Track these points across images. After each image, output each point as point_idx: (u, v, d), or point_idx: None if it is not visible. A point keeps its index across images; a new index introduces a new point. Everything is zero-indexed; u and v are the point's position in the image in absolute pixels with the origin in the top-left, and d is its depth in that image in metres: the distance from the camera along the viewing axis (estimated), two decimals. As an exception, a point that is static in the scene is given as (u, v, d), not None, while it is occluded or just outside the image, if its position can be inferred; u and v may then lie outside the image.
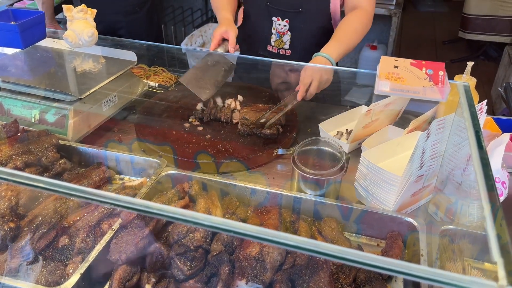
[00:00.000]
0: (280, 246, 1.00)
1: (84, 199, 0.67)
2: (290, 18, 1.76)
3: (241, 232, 0.61)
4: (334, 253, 0.58)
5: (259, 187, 1.28)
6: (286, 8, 1.75)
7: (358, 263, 0.56)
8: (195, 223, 0.62)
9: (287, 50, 1.83)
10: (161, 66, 2.07)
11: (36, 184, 0.69)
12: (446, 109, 1.24)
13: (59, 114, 1.46)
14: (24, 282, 1.03)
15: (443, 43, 5.34)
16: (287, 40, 1.81)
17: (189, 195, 1.24)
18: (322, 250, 0.57)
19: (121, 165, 1.44)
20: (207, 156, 1.47)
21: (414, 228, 1.16)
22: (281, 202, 1.27)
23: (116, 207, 0.62)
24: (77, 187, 0.64)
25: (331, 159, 1.29)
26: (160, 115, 1.70)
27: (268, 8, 1.77)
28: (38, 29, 1.45)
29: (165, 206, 0.61)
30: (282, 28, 1.78)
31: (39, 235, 1.17)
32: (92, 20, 1.38)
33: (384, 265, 0.53)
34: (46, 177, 1.35)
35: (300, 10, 1.74)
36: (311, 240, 0.61)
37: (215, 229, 0.61)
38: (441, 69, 1.01)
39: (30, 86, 1.49)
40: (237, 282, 0.97)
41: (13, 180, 0.71)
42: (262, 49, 1.87)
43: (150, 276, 1.04)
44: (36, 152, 1.37)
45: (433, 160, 1.14)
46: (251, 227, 0.60)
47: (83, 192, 0.65)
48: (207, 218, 0.62)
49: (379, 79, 1.00)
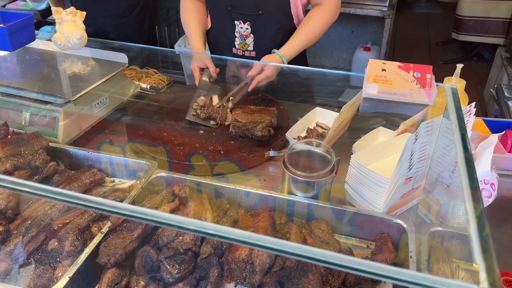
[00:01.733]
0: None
1: (70, 204, 0.67)
2: (251, 21, 1.80)
3: (227, 237, 0.61)
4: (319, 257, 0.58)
5: (250, 189, 1.28)
6: (246, 11, 1.79)
7: (345, 267, 0.56)
8: (180, 227, 0.62)
9: (252, 52, 1.87)
10: (153, 67, 2.07)
11: (21, 189, 0.69)
12: (435, 111, 1.25)
13: (50, 116, 1.45)
14: (12, 285, 1.02)
15: (436, 44, 5.36)
16: (250, 42, 1.85)
17: (179, 198, 1.24)
18: (309, 255, 0.57)
19: (112, 167, 1.43)
20: (198, 158, 1.47)
21: (404, 230, 1.16)
22: (272, 204, 1.27)
23: (103, 212, 0.62)
24: (63, 191, 0.64)
25: (322, 161, 1.29)
26: (151, 117, 1.70)
27: (230, 12, 1.82)
28: (27, 31, 1.44)
29: (150, 211, 0.61)
30: (245, 31, 1.83)
31: (28, 238, 1.16)
32: (81, 22, 1.37)
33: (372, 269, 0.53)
34: (36, 180, 1.36)
35: (260, 12, 1.78)
36: (298, 245, 0.61)
37: (201, 234, 0.61)
38: (429, 72, 1.02)
39: (20, 88, 1.48)
40: (226, 285, 0.97)
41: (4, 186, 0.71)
42: (227, 52, 1.92)
43: (139, 279, 1.04)
44: (26, 155, 1.36)
45: (421, 162, 1.14)
46: (237, 231, 0.60)
47: (68, 196, 0.65)
48: (192, 222, 0.62)
49: (367, 82, 1.01)
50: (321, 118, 1.70)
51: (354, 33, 3.92)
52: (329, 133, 1.46)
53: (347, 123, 1.59)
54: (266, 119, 1.60)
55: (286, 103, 1.84)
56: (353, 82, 1.77)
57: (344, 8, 3.41)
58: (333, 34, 3.97)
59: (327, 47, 4.07)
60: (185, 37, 3.42)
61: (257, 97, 1.84)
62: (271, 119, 1.62)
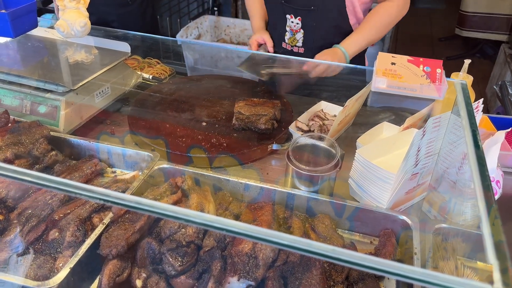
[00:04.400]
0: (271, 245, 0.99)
1: (72, 194, 0.65)
2: (302, 16, 1.75)
3: (232, 230, 0.59)
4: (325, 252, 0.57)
5: (253, 183, 1.27)
6: (298, 6, 1.74)
7: (349, 263, 0.55)
8: (186, 220, 0.61)
9: (300, 48, 1.83)
10: (155, 58, 2.04)
11: (23, 178, 0.67)
12: (442, 107, 1.23)
13: (51, 105, 1.43)
14: (12, 276, 1.01)
15: (439, 40, 5.33)
16: (300, 38, 1.80)
17: (182, 190, 1.23)
18: (314, 250, 0.56)
19: (113, 158, 1.42)
20: (200, 150, 1.45)
21: (408, 226, 1.15)
22: (275, 198, 1.26)
23: (106, 203, 0.60)
24: (66, 181, 0.62)
25: (326, 155, 1.28)
26: (153, 108, 1.68)
27: (283, 5, 1.77)
28: (30, 17, 1.42)
29: (157, 203, 0.60)
30: (295, 26, 1.78)
31: (28, 228, 1.15)
32: (85, 10, 1.35)
33: (377, 265, 0.52)
34: (37, 169, 1.34)
35: (312, 8, 1.72)
36: (303, 239, 0.60)
37: (206, 227, 0.60)
38: (439, 66, 1.00)
39: (22, 76, 1.46)
40: (228, 279, 0.96)
41: (5, 175, 0.70)
42: (277, 46, 1.87)
43: (141, 271, 1.03)
44: (27, 144, 1.34)
45: (428, 158, 1.13)
46: (243, 225, 0.59)
47: (71, 186, 0.64)
48: (198, 215, 0.60)
49: (376, 75, 0.99)
50: (326, 112, 1.68)
51: None
52: (333, 127, 1.44)
53: (352, 117, 1.57)
54: (270, 112, 1.59)
55: (290, 97, 1.82)
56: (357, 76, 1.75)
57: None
58: (336, 28, 3.93)
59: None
60: (186, 27, 3.39)
61: (260, 89, 1.82)
62: (275, 112, 1.60)
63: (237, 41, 3.63)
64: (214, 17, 3.61)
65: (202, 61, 3.17)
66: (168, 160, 1.38)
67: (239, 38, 3.62)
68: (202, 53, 3.14)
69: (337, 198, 1.22)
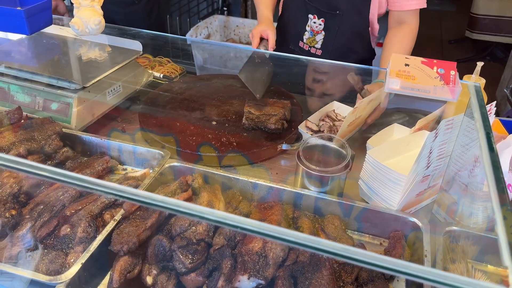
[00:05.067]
0: (283, 243, 0.99)
1: (87, 189, 0.66)
2: (326, 18, 1.74)
3: (246, 228, 0.60)
4: (340, 251, 0.57)
5: (262, 182, 1.27)
6: (324, 7, 1.73)
7: (364, 262, 0.55)
8: (200, 217, 0.61)
9: (318, 50, 1.82)
10: (165, 56, 2.05)
11: (40, 173, 0.68)
12: (454, 109, 1.23)
13: (63, 102, 1.45)
14: (25, 270, 1.02)
15: (449, 43, 5.30)
16: (319, 40, 1.79)
17: (192, 188, 1.23)
18: (327, 248, 0.56)
19: (124, 155, 1.43)
20: (210, 149, 1.46)
21: (418, 228, 1.15)
22: (284, 197, 1.26)
23: (120, 199, 0.61)
24: (83, 177, 0.63)
25: (336, 156, 1.28)
26: (164, 106, 1.69)
27: (306, 4, 1.76)
28: (45, 15, 1.43)
29: (171, 199, 0.60)
30: (317, 27, 1.77)
31: (40, 223, 1.16)
32: (99, 8, 1.36)
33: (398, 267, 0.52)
34: (49, 165, 1.35)
35: (338, 12, 1.71)
36: (317, 238, 0.60)
37: (220, 224, 0.61)
38: (453, 68, 1.00)
39: (35, 73, 1.48)
40: (239, 277, 0.97)
41: (17, 168, 0.70)
42: (294, 44, 1.86)
43: (152, 268, 1.04)
44: (39, 140, 1.36)
45: (440, 160, 1.13)
46: (257, 223, 0.59)
47: (87, 182, 0.64)
48: (212, 212, 0.61)
49: (390, 76, 0.99)
50: (338, 112, 1.67)
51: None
52: (342, 128, 1.43)
53: (363, 119, 1.56)
54: (280, 112, 1.59)
55: (300, 97, 1.82)
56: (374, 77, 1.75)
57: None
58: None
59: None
60: (196, 27, 3.40)
61: (270, 90, 1.82)
62: (285, 112, 1.60)
63: (246, 41, 3.63)
64: (223, 17, 3.62)
65: (211, 60, 3.18)
66: (178, 158, 1.39)
67: (248, 38, 3.63)
68: (212, 53, 3.15)
69: (347, 199, 1.22)
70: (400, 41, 1.68)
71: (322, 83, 1.84)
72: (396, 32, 1.70)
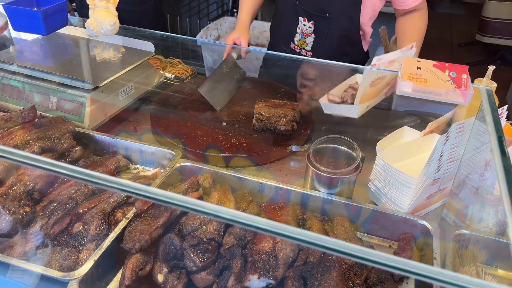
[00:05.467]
0: (296, 243, 1.00)
1: (105, 187, 0.68)
2: (316, 21, 1.74)
3: (262, 228, 0.61)
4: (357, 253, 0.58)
5: (272, 183, 1.28)
6: (313, 10, 1.73)
7: (379, 264, 0.55)
8: (215, 215, 0.62)
9: (309, 52, 1.82)
10: (176, 57, 2.07)
11: (58, 170, 0.69)
12: (465, 112, 1.23)
13: (77, 101, 1.47)
14: (39, 266, 1.04)
15: (459, 46, 5.27)
16: (310, 42, 1.80)
17: (203, 188, 1.25)
18: (344, 249, 0.57)
19: (135, 154, 1.44)
20: (220, 150, 1.47)
21: (428, 231, 1.15)
22: (294, 198, 1.27)
23: (138, 197, 0.62)
24: (101, 175, 0.64)
25: (346, 158, 1.29)
26: (175, 107, 1.70)
27: (296, 6, 1.76)
28: (61, 16, 1.46)
29: (188, 198, 0.61)
30: (307, 29, 1.77)
31: (53, 221, 1.18)
32: (114, 9, 1.38)
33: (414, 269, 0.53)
34: (62, 164, 1.38)
35: (328, 15, 1.72)
36: (335, 240, 0.61)
37: (236, 223, 0.62)
38: (465, 72, 1.00)
39: (49, 72, 1.50)
40: (249, 276, 0.98)
41: (35, 165, 0.72)
42: (285, 46, 1.87)
43: (163, 266, 1.05)
44: (53, 138, 1.38)
45: (450, 163, 1.13)
46: (272, 223, 0.60)
47: (105, 180, 0.66)
48: (228, 211, 0.62)
49: (401, 79, 1.00)
50: None
51: (376, 31, 3.86)
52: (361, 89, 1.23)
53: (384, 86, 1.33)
54: (290, 113, 1.60)
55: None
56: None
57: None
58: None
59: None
60: (206, 28, 3.42)
61: (280, 91, 1.83)
62: (294, 113, 1.61)
63: (256, 42, 3.65)
64: (233, 19, 3.64)
65: (221, 61, 3.20)
66: (189, 158, 1.40)
67: (258, 40, 3.64)
68: (221, 54, 3.17)
69: (356, 201, 1.22)
70: (417, 27, 1.68)
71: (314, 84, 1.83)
72: (410, 18, 1.70)
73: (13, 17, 1.38)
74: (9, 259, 1.04)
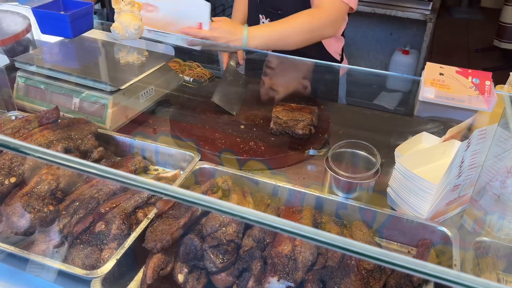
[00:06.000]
0: (316, 246, 1.01)
1: (132, 187, 0.69)
2: (271, 18, 1.80)
3: (289, 230, 0.62)
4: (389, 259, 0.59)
5: (290, 186, 1.29)
6: (268, 7, 1.79)
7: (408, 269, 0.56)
8: (242, 217, 0.64)
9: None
10: (193, 60, 2.10)
11: (89, 170, 0.71)
12: (486, 118, 1.22)
13: (99, 103, 1.50)
14: (62, 263, 1.07)
15: (476, 51, 5.22)
16: None
17: (222, 190, 1.26)
18: (375, 255, 0.58)
19: (155, 156, 1.47)
20: (238, 153, 1.49)
21: (447, 238, 1.14)
22: (312, 202, 1.27)
23: (169, 198, 0.64)
24: (132, 176, 0.66)
25: (365, 163, 1.29)
26: (194, 110, 1.73)
27: (257, 5, 1.83)
28: (87, 19, 1.50)
29: (219, 201, 0.63)
30: None
31: (76, 219, 1.21)
32: (139, 13, 1.41)
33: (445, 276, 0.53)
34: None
35: (280, 12, 1.76)
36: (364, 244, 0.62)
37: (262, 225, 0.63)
38: (488, 78, 1.00)
39: (73, 74, 1.53)
40: (269, 279, 0.99)
41: (66, 165, 0.74)
42: None
43: (183, 266, 1.07)
44: (76, 139, 1.41)
45: (471, 170, 1.12)
46: (300, 226, 0.61)
47: (135, 180, 0.67)
48: (256, 213, 0.63)
49: (424, 85, 1.00)
50: None
51: (392, 35, 3.86)
52: None
53: None
54: (307, 117, 1.61)
55: (328, 103, 1.83)
56: (389, 85, 1.74)
57: (384, 10, 3.37)
58: (370, 35, 3.92)
59: (364, 48, 4.02)
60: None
61: (298, 95, 1.84)
62: (312, 117, 1.62)
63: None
64: (249, 23, 3.66)
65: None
66: (209, 159, 1.42)
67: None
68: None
69: (375, 206, 1.22)
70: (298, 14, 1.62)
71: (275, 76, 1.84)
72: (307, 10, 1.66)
73: (41, 20, 1.42)
74: (35, 256, 1.07)
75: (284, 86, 1.80)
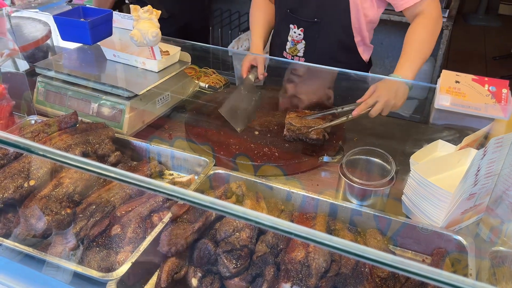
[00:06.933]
0: (329, 253, 1.00)
1: (151, 191, 0.71)
2: (305, 27, 1.78)
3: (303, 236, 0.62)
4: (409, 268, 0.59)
5: (304, 193, 1.29)
6: (302, 17, 1.77)
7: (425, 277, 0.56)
8: (256, 222, 0.64)
9: (301, 58, 1.85)
10: (208, 67, 2.12)
11: (106, 173, 0.73)
12: (502, 127, 1.21)
13: (116, 108, 1.53)
14: (79, 265, 1.08)
15: (493, 59, 5.15)
16: (301, 48, 1.83)
17: (236, 195, 1.27)
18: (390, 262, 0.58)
19: (170, 161, 1.49)
20: (252, 158, 1.50)
21: (463, 247, 1.13)
22: (325, 209, 1.27)
23: (184, 202, 0.65)
24: (152, 181, 0.68)
25: (380, 170, 1.28)
26: (209, 116, 1.74)
27: (287, 15, 1.80)
28: (106, 26, 1.53)
29: (233, 205, 0.64)
30: (297, 36, 1.81)
31: (92, 223, 1.23)
32: (156, 20, 1.44)
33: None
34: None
35: (316, 20, 1.74)
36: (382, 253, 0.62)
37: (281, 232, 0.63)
38: (505, 86, 0.99)
39: (91, 80, 1.57)
40: (282, 285, 0.99)
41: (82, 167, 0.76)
42: (278, 55, 1.91)
43: (197, 270, 1.08)
44: (94, 143, 1.43)
45: (487, 178, 1.11)
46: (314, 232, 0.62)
47: (151, 184, 0.69)
48: (270, 218, 0.64)
49: (440, 93, 0.99)
50: None
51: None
52: None
53: None
54: (321, 124, 1.61)
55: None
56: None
57: (400, 17, 3.35)
58: (386, 42, 3.91)
59: (379, 55, 4.00)
60: (238, 39, 3.48)
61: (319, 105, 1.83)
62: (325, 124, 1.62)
63: (286, 53, 3.68)
64: (264, 30, 3.68)
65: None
66: (223, 165, 1.43)
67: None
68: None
69: (390, 214, 1.22)
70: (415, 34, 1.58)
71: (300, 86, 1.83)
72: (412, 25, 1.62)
73: (62, 27, 1.45)
74: (52, 257, 1.09)
75: (306, 94, 1.80)
